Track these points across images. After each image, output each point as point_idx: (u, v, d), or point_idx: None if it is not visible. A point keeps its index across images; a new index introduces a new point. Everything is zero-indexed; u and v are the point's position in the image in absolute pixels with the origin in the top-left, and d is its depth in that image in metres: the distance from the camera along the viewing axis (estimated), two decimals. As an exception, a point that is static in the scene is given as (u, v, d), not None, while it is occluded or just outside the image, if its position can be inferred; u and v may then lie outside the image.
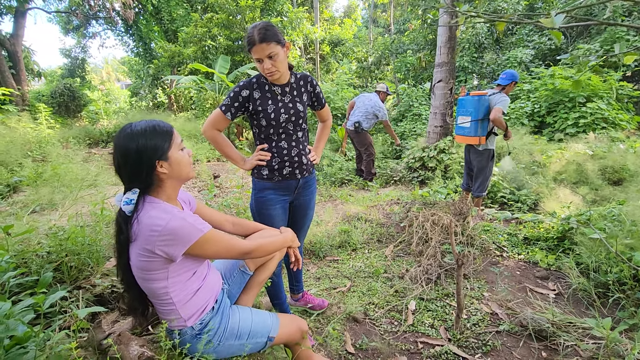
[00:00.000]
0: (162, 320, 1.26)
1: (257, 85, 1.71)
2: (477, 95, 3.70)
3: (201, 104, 9.98)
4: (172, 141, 1.20)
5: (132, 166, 1.14)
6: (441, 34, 5.35)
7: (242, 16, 10.58)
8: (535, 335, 1.90)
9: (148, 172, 1.16)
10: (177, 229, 1.12)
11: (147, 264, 1.15)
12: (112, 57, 40.51)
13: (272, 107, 1.70)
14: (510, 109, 7.77)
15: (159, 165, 1.16)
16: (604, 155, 4.92)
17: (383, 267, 2.74)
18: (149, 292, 1.23)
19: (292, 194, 1.87)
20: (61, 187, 3.92)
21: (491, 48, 10.52)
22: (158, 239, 1.10)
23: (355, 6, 23.18)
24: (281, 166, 1.77)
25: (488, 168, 3.81)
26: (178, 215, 1.14)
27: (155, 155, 1.15)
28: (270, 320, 1.39)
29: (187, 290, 1.23)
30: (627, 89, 7.32)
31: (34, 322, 1.40)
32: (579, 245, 2.54)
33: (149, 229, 1.11)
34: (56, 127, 8.92)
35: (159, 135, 1.17)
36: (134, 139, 1.13)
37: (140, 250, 1.14)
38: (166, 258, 1.14)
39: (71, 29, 15.71)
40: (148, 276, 1.17)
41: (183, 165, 1.22)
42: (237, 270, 1.53)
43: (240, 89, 1.69)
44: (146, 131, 1.15)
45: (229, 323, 1.30)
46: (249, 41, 1.60)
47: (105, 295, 1.86)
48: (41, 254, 1.91)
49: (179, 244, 1.12)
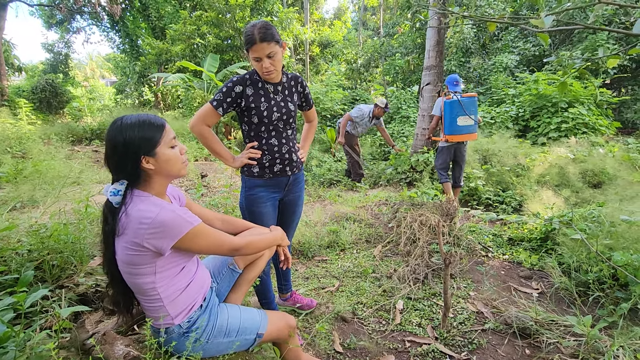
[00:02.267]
0: (148, 319, 1.23)
1: (251, 82, 1.70)
2: (474, 96, 3.90)
3: (189, 103, 9.86)
4: (161, 137, 1.17)
5: (119, 159, 1.14)
6: (430, 38, 5.43)
7: (231, 15, 10.51)
8: (519, 333, 1.95)
9: (133, 166, 1.15)
10: (166, 221, 1.10)
11: (134, 258, 1.13)
12: (96, 53, 39.63)
13: (264, 105, 1.70)
14: (495, 112, 7.95)
15: (145, 161, 1.15)
16: (584, 159, 5.08)
17: (371, 267, 2.75)
18: (135, 288, 1.20)
19: (282, 191, 1.86)
20: (43, 184, 3.81)
21: (478, 53, 10.73)
22: (147, 232, 1.09)
23: (345, 8, 23.32)
24: (272, 163, 1.77)
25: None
26: (168, 208, 1.13)
27: (141, 150, 1.13)
28: (258, 317, 1.38)
29: (175, 286, 1.21)
30: (607, 95, 7.58)
31: (13, 322, 1.35)
32: (561, 245, 2.61)
33: (138, 221, 1.10)
34: (37, 123, 8.67)
35: (148, 130, 1.15)
36: (122, 132, 1.12)
37: (128, 244, 1.12)
38: (154, 252, 1.12)
39: (54, 24, 15.29)
40: (135, 271, 1.15)
41: (172, 163, 1.20)
42: (226, 268, 1.51)
43: (234, 84, 1.67)
44: (135, 125, 1.14)
45: (217, 321, 1.29)
46: (249, 40, 1.59)
47: (89, 295, 1.81)
48: (21, 252, 1.85)
49: (168, 236, 1.11)
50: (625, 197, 3.71)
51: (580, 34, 9.11)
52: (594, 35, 8.46)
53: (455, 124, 3.88)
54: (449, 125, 3.93)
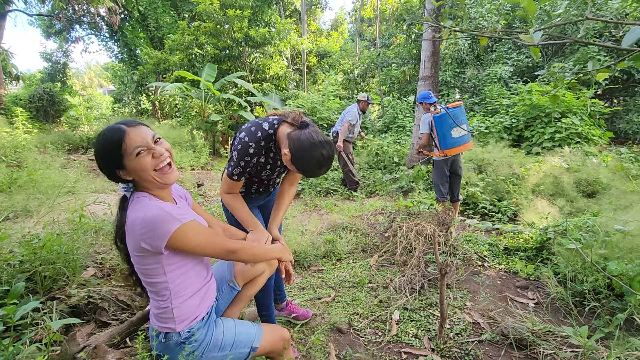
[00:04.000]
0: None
1: (265, 150, 1.59)
2: (460, 104, 3.85)
3: (186, 112, 9.89)
4: (122, 150, 1.11)
5: (103, 170, 1.17)
6: (425, 49, 5.51)
7: (230, 25, 10.62)
8: (516, 344, 1.93)
9: (117, 178, 1.17)
10: (154, 219, 1.09)
11: (140, 259, 1.15)
12: (95, 62, 39.79)
13: (265, 173, 1.73)
14: (490, 123, 8.03)
15: (122, 173, 1.16)
16: (578, 169, 5.12)
17: (367, 277, 2.74)
18: (149, 288, 1.21)
19: (262, 201, 1.96)
20: (37, 193, 3.78)
21: (472, 64, 10.89)
22: (140, 232, 1.10)
23: (342, 20, 23.68)
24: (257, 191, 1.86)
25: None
26: (156, 206, 1.13)
27: (111, 165, 1.14)
28: (253, 330, 1.37)
29: (187, 288, 1.22)
30: (599, 106, 7.69)
31: (3, 335, 1.33)
32: (557, 255, 2.61)
33: (132, 223, 1.12)
34: (33, 132, 8.64)
35: (106, 147, 1.13)
36: (96, 147, 1.15)
37: (132, 247, 1.15)
38: (153, 252, 1.12)
39: (53, 33, 15.38)
40: (145, 271, 1.17)
41: (143, 173, 1.14)
42: (226, 285, 1.51)
43: (252, 157, 1.55)
44: (99, 141, 1.14)
45: (213, 335, 1.28)
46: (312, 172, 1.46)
47: (80, 307, 1.79)
48: (13, 263, 1.83)
49: (158, 234, 1.10)
50: (619, 206, 3.74)
51: (572, 46, 9.28)
52: (586, 48, 8.63)
53: (450, 138, 3.80)
54: (443, 140, 3.82)
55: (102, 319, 1.79)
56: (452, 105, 3.81)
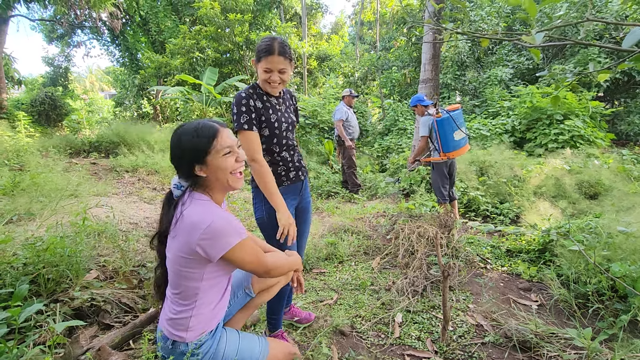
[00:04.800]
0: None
1: (256, 95, 1.72)
2: (459, 107, 3.90)
3: (188, 115, 9.93)
4: (212, 147, 1.16)
5: (177, 163, 1.19)
6: (426, 52, 5.53)
7: (230, 29, 10.68)
8: (519, 347, 1.93)
9: (188, 172, 1.18)
10: (219, 230, 1.11)
11: (186, 261, 1.14)
12: (96, 66, 40.00)
13: (274, 117, 1.73)
14: (491, 125, 8.04)
15: (198, 168, 1.17)
16: (580, 171, 5.12)
17: (370, 280, 2.73)
18: (179, 289, 1.20)
19: (297, 197, 1.90)
20: (40, 196, 3.79)
21: (473, 66, 10.91)
22: (200, 236, 1.10)
23: (343, 23, 23.78)
24: (287, 172, 1.82)
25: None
26: (222, 215, 1.14)
27: (192, 158, 1.16)
28: (258, 347, 1.34)
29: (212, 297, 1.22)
30: (600, 107, 7.69)
31: (7, 337, 1.33)
32: (559, 257, 2.61)
33: (192, 226, 1.11)
34: (35, 135, 8.67)
35: (199, 139, 1.16)
36: (180, 138, 1.17)
37: (180, 247, 1.13)
38: (205, 258, 1.13)
39: (55, 38, 15.46)
40: (184, 273, 1.16)
41: (220, 172, 1.18)
42: (242, 292, 1.50)
43: (247, 99, 1.66)
44: (189, 133, 1.17)
45: (217, 347, 1.26)
46: (266, 49, 1.59)
47: (84, 309, 1.79)
48: (16, 265, 1.83)
49: (218, 245, 1.11)
50: (622, 208, 3.73)
51: (573, 48, 9.30)
52: (586, 49, 8.65)
53: (452, 141, 3.82)
54: (446, 143, 3.84)
55: (105, 321, 1.80)
56: (451, 108, 3.83)
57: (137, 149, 7.63)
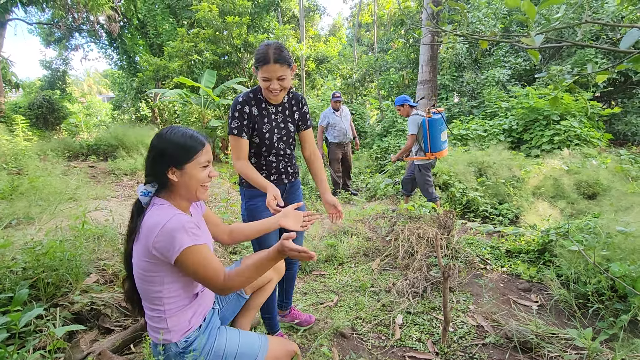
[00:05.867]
0: (148, 334, 1.22)
1: (255, 101, 1.70)
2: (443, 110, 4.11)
3: (186, 118, 9.92)
4: (195, 156, 1.21)
5: (152, 161, 1.20)
6: (423, 54, 5.55)
7: (228, 32, 10.69)
8: (520, 347, 1.93)
9: (160, 172, 1.20)
10: (172, 230, 1.11)
11: (146, 265, 1.15)
12: (94, 69, 39.93)
13: (267, 127, 1.72)
14: (489, 126, 8.06)
15: (171, 171, 1.19)
16: (578, 171, 5.13)
17: (370, 281, 2.73)
18: (143, 295, 1.21)
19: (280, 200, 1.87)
20: (38, 200, 3.78)
21: (470, 68, 10.95)
22: (155, 238, 1.11)
23: (340, 25, 23.84)
24: (268, 175, 1.82)
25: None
26: (177, 218, 1.14)
27: (172, 160, 1.18)
28: (258, 343, 1.34)
29: (180, 301, 1.21)
30: (597, 108, 7.73)
31: (7, 342, 1.33)
32: (559, 257, 2.61)
33: (149, 229, 1.13)
34: (33, 139, 8.66)
35: (186, 145, 1.20)
36: (164, 140, 1.19)
37: (141, 251, 1.14)
38: (163, 260, 1.13)
39: (53, 41, 15.45)
40: (146, 277, 1.16)
41: (193, 182, 1.22)
42: (234, 294, 1.49)
43: (242, 105, 1.67)
44: (178, 136, 1.20)
45: (215, 344, 1.27)
46: (261, 59, 1.57)
47: (84, 313, 1.78)
48: (16, 270, 1.83)
49: (171, 246, 1.11)
50: (620, 208, 3.74)
51: (570, 49, 9.35)
52: (583, 50, 8.69)
53: (440, 141, 4.00)
54: (434, 142, 3.99)
55: (105, 325, 1.79)
56: (439, 110, 3.99)
57: (135, 152, 7.62)
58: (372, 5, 19.05)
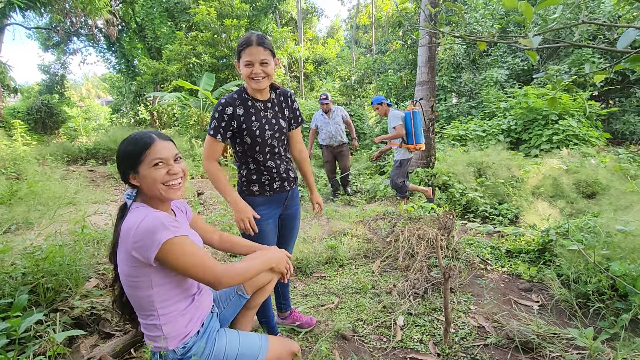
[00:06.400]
0: (145, 343, 1.21)
1: (240, 101, 1.67)
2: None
3: (185, 121, 9.93)
4: (142, 157, 1.16)
5: (117, 169, 1.22)
6: (422, 54, 5.56)
7: (226, 35, 10.71)
8: (521, 348, 1.92)
9: (125, 180, 1.21)
10: (147, 228, 1.08)
11: (130, 270, 1.13)
12: (92, 73, 39.97)
13: (256, 124, 1.68)
14: (487, 126, 8.08)
15: (132, 177, 1.19)
16: (577, 170, 5.14)
17: (370, 283, 2.73)
18: (135, 302, 1.19)
19: (282, 207, 1.87)
20: (37, 205, 3.77)
21: (468, 68, 10.98)
22: (132, 240, 1.09)
23: (338, 27, 23.90)
24: (271, 181, 1.78)
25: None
26: (151, 215, 1.12)
27: (126, 166, 1.19)
28: (258, 343, 1.34)
29: (174, 305, 1.19)
30: (595, 107, 7.75)
31: (7, 348, 1.32)
32: (559, 256, 2.61)
33: (125, 232, 1.11)
34: (32, 144, 8.65)
35: (131, 148, 1.18)
36: (118, 149, 1.20)
37: (123, 256, 1.13)
38: (144, 262, 1.10)
39: (51, 45, 15.47)
40: (133, 283, 1.15)
41: (150, 183, 1.17)
42: (234, 294, 1.48)
43: (224, 106, 1.63)
44: (125, 141, 1.20)
45: (214, 347, 1.26)
46: (244, 42, 1.57)
47: (84, 318, 1.78)
48: (15, 275, 1.82)
49: (149, 244, 1.08)
50: (620, 206, 3.75)
51: (567, 49, 9.38)
52: (580, 50, 8.73)
53: (421, 132, 4.34)
54: (418, 134, 4.31)
55: (105, 330, 1.78)
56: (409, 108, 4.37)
57: (134, 155, 7.59)
58: (370, 7, 19.11)
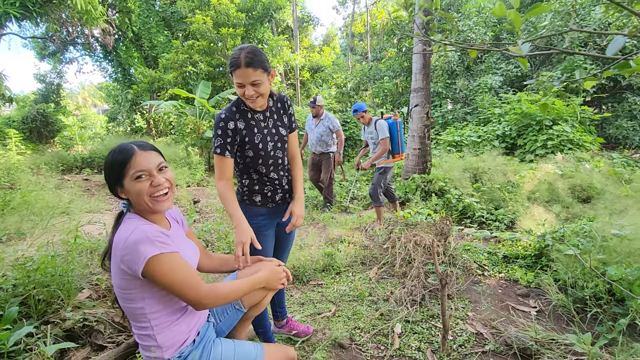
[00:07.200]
0: (139, 354, 1.19)
1: (239, 114, 1.62)
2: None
3: (181, 129, 9.92)
4: (125, 170, 1.13)
5: (106, 180, 1.19)
6: (416, 62, 5.61)
7: (223, 43, 10.78)
8: (520, 354, 1.91)
9: (115, 194, 1.19)
10: (135, 242, 1.06)
11: (120, 282, 1.12)
12: (89, 82, 40.00)
13: (258, 137, 1.64)
14: (482, 131, 8.14)
15: (120, 191, 1.17)
16: (572, 175, 5.17)
17: (367, 290, 2.71)
18: (128, 313, 1.18)
19: (281, 217, 1.86)
20: (30, 215, 3.73)
21: (463, 75, 11.10)
22: (120, 253, 1.08)
23: (334, 35, 24.14)
24: (274, 194, 1.77)
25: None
26: (142, 228, 1.09)
27: (112, 181, 1.16)
28: (254, 352, 1.33)
29: (166, 316, 1.18)
30: (588, 112, 7.84)
31: (-5, 363, 1.29)
32: (556, 261, 2.61)
33: (116, 243, 1.10)
34: (27, 153, 8.60)
35: (112, 162, 1.15)
36: (106, 159, 1.18)
37: (114, 267, 1.12)
38: (133, 275, 1.09)
39: (47, 55, 15.47)
40: (125, 295, 1.13)
41: (135, 196, 1.15)
42: (231, 308, 1.47)
43: (225, 122, 1.57)
44: (109, 158, 1.17)
45: (210, 357, 1.25)
46: (233, 63, 1.49)
47: (76, 330, 1.75)
48: (6, 287, 1.79)
49: (136, 259, 1.06)
50: (615, 211, 3.76)
51: (559, 56, 9.51)
52: (572, 57, 8.85)
53: (404, 142, 4.38)
54: (403, 144, 4.31)
55: (98, 342, 1.75)
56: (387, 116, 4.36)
57: (130, 164, 7.56)
58: (365, 15, 19.34)
